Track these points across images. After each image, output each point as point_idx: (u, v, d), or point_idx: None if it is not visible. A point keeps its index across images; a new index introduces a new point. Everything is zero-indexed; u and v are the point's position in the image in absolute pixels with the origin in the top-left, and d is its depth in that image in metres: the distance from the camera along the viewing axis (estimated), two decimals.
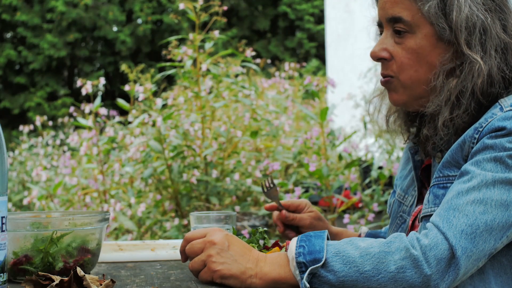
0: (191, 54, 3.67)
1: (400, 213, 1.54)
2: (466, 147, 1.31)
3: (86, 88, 3.70)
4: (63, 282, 1.22)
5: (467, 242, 1.19)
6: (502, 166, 1.24)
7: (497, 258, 1.30)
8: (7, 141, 11.57)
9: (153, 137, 3.58)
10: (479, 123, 1.30)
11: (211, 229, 1.30)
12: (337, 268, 1.20)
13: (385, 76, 1.43)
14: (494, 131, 1.27)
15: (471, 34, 1.32)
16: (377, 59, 1.43)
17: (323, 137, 3.74)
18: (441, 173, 1.35)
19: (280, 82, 5.32)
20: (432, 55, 1.36)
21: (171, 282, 1.39)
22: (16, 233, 1.38)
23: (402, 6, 1.37)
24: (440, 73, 1.35)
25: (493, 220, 1.21)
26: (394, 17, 1.38)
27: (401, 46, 1.38)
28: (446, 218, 1.22)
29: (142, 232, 3.63)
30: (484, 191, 1.22)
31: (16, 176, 6.61)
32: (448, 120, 1.34)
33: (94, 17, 16.07)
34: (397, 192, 1.58)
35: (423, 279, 1.18)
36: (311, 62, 14.87)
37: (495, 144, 1.26)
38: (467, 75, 1.32)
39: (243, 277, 1.24)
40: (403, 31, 1.37)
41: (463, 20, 1.32)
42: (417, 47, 1.37)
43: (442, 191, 1.34)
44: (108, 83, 16.39)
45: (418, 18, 1.35)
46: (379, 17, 1.44)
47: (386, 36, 1.41)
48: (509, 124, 1.26)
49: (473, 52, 1.32)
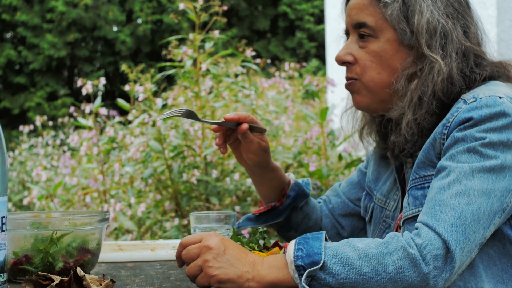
0: (191, 54, 3.67)
1: (383, 218, 1.55)
2: (437, 144, 1.34)
3: (86, 88, 3.70)
4: (63, 282, 1.22)
5: (458, 234, 1.20)
6: (476, 155, 1.26)
7: (485, 250, 1.32)
8: (7, 141, 11.57)
9: (153, 137, 3.57)
10: (446, 119, 1.33)
11: (206, 234, 1.29)
12: (336, 271, 1.20)
13: (349, 79, 1.47)
14: (462, 123, 1.29)
15: (432, 37, 1.37)
16: (342, 63, 1.48)
17: (323, 137, 3.74)
18: (417, 175, 1.38)
19: (280, 82, 5.31)
20: (394, 59, 1.41)
21: (171, 282, 1.39)
22: (16, 233, 1.38)
23: (366, 12, 1.42)
24: (401, 77, 1.39)
25: (478, 209, 1.23)
26: (359, 22, 1.43)
27: (365, 50, 1.44)
28: (434, 215, 1.23)
29: (142, 232, 3.63)
30: (464, 183, 1.24)
31: (16, 176, 6.61)
32: (411, 121, 1.37)
33: (94, 17, 16.07)
34: (377, 197, 1.59)
35: (422, 278, 1.18)
36: (311, 62, 14.86)
37: (465, 136, 1.28)
38: (428, 76, 1.36)
39: (240, 281, 1.23)
40: (367, 35, 1.43)
41: (424, 24, 1.37)
42: (380, 50, 1.41)
43: (421, 191, 1.36)
44: (108, 83, 16.38)
45: (382, 23, 1.41)
46: (346, 24, 1.50)
47: (351, 41, 1.47)
48: (475, 114, 1.28)
49: (433, 53, 1.37)
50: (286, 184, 1.69)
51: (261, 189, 1.69)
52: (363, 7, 1.43)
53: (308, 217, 1.72)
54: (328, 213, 1.74)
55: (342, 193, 1.74)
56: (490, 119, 1.27)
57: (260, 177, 1.65)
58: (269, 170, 1.64)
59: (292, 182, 1.69)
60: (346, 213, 1.72)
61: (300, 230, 1.72)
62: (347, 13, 1.49)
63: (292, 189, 1.68)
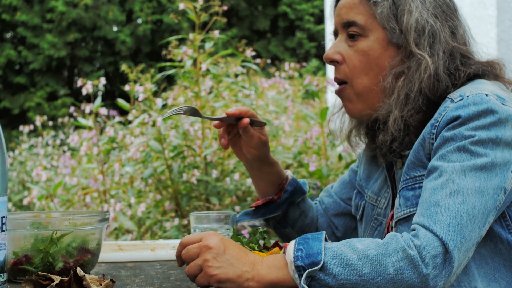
0: (191, 54, 3.67)
1: (374, 216, 1.55)
2: (427, 144, 1.34)
3: (87, 88, 3.70)
4: (63, 282, 1.22)
5: (455, 234, 1.20)
6: (467, 154, 1.26)
7: (477, 249, 1.32)
8: (7, 141, 11.57)
9: (153, 137, 3.58)
10: (434, 119, 1.34)
11: (206, 233, 1.29)
12: (336, 271, 1.20)
13: (339, 83, 1.49)
14: (450, 122, 1.30)
15: (420, 35, 1.39)
16: (330, 61, 1.49)
17: (323, 137, 3.74)
18: (407, 175, 1.38)
19: (280, 82, 5.32)
20: (382, 58, 1.42)
21: (171, 282, 1.39)
22: (16, 233, 1.38)
23: (356, 11, 1.44)
24: (389, 75, 1.41)
25: (473, 208, 1.23)
26: (349, 21, 1.45)
27: (353, 49, 1.45)
28: (430, 215, 1.23)
29: (142, 232, 3.63)
30: (458, 182, 1.24)
31: (16, 176, 6.61)
32: (398, 118, 1.38)
33: (94, 17, 16.07)
34: (368, 195, 1.59)
35: (421, 279, 1.18)
36: (311, 62, 14.85)
37: (455, 135, 1.28)
38: (415, 73, 1.38)
39: (239, 280, 1.24)
40: (356, 35, 1.44)
41: (413, 23, 1.39)
42: (368, 49, 1.43)
43: (412, 192, 1.37)
44: (108, 83, 16.38)
45: (371, 22, 1.43)
46: (335, 24, 1.51)
47: (340, 40, 1.48)
48: (462, 112, 1.29)
49: (421, 51, 1.38)
50: (284, 179, 1.70)
51: (259, 183, 1.69)
52: (353, 6, 1.45)
53: (304, 214, 1.73)
54: (323, 212, 1.75)
55: (334, 193, 1.76)
56: (478, 117, 1.27)
57: (259, 171, 1.66)
58: (268, 164, 1.65)
59: (290, 178, 1.70)
60: (338, 213, 1.73)
61: (297, 228, 1.73)
62: (336, 13, 1.50)
63: (289, 184, 1.69)
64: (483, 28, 3.93)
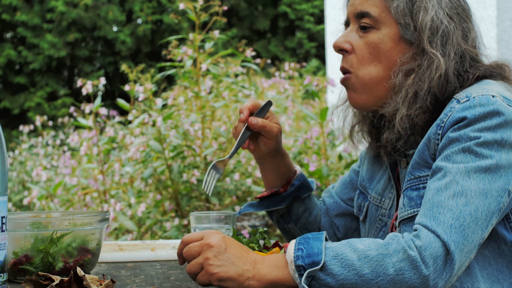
0: (191, 54, 3.67)
1: (379, 217, 1.55)
2: (432, 144, 1.34)
3: (86, 88, 3.70)
4: (63, 282, 1.22)
5: (457, 235, 1.20)
6: (471, 155, 1.26)
7: (480, 250, 1.32)
8: (7, 141, 11.57)
9: (153, 137, 3.57)
10: (440, 119, 1.33)
11: (208, 232, 1.29)
12: (336, 271, 1.20)
13: (344, 72, 1.48)
14: (456, 123, 1.29)
15: (434, 34, 1.39)
16: (339, 50, 1.48)
17: (323, 137, 3.74)
18: (412, 175, 1.38)
19: (280, 82, 5.32)
20: (392, 53, 1.41)
21: (171, 282, 1.39)
22: (16, 233, 1.38)
23: (371, 3, 1.43)
24: (399, 72, 1.40)
25: (476, 210, 1.22)
26: (362, 12, 1.44)
27: (364, 40, 1.44)
28: (432, 216, 1.23)
29: (142, 232, 3.63)
30: (461, 183, 1.24)
31: (16, 176, 6.61)
32: (405, 116, 1.37)
33: (94, 17, 16.07)
34: (372, 196, 1.59)
35: (422, 280, 1.18)
36: (311, 62, 14.86)
37: (460, 136, 1.28)
38: (426, 71, 1.37)
39: (240, 279, 1.24)
40: (368, 27, 1.43)
41: (428, 21, 1.38)
42: (379, 41, 1.42)
43: (416, 192, 1.36)
44: (108, 83, 16.39)
45: (385, 16, 1.42)
46: (347, 14, 1.50)
47: (351, 30, 1.47)
48: (468, 114, 1.28)
49: (434, 49, 1.38)
50: (292, 172, 1.69)
51: (268, 175, 1.68)
52: None
53: (308, 211, 1.72)
54: (325, 213, 1.75)
55: (335, 194, 1.75)
56: (484, 118, 1.27)
57: (271, 162, 1.65)
58: (280, 154, 1.64)
59: (298, 173, 1.70)
60: (339, 213, 1.73)
61: (300, 224, 1.73)
62: (350, 3, 1.48)
63: (297, 178, 1.69)
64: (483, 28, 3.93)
